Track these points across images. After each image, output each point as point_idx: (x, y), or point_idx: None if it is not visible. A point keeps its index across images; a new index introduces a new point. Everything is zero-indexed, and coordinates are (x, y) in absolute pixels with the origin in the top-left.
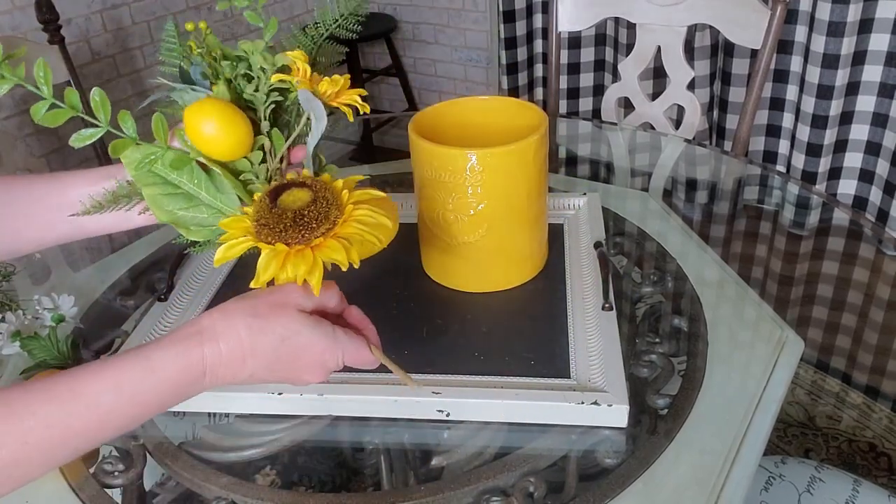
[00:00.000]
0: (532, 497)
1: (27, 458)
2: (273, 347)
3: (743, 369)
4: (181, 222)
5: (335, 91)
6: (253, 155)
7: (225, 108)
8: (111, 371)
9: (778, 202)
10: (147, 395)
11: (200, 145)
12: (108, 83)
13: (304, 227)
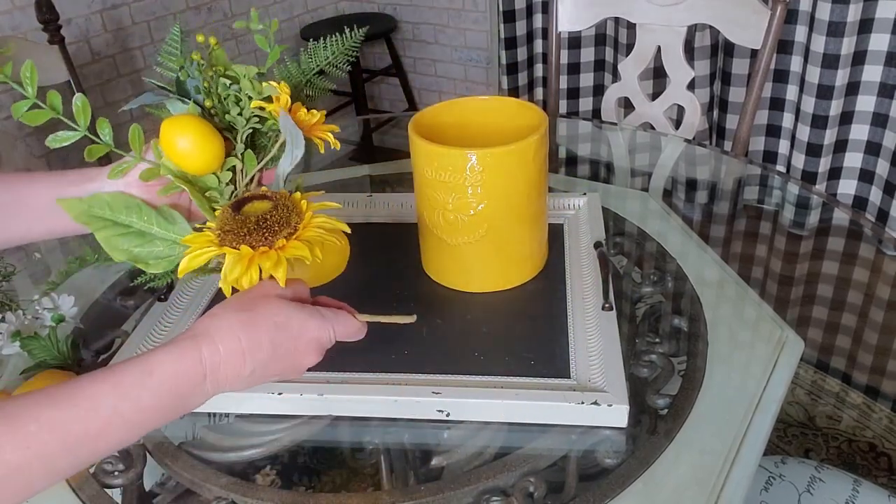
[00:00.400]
0: (532, 497)
1: (28, 466)
2: (269, 338)
3: (743, 369)
4: (139, 259)
5: (311, 123)
6: (222, 174)
7: (201, 125)
8: (110, 376)
9: (778, 202)
10: (146, 400)
11: (173, 157)
12: (108, 83)
13: (267, 230)
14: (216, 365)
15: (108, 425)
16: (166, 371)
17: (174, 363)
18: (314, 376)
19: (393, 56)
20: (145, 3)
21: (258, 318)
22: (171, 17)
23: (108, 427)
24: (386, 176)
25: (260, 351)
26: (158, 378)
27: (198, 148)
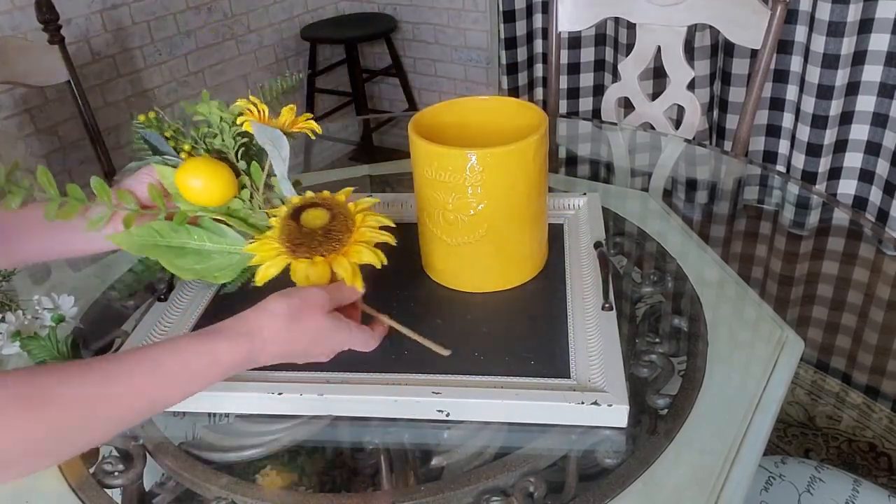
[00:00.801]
0: (532, 497)
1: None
2: (304, 349)
3: (743, 369)
4: (204, 274)
5: (287, 121)
6: (242, 193)
7: (204, 163)
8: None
9: (778, 202)
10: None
11: (195, 199)
12: (108, 83)
13: (335, 239)
14: (259, 358)
15: (171, 393)
16: (229, 360)
17: (232, 354)
18: (314, 376)
19: (393, 56)
20: (145, 3)
21: (301, 332)
22: (171, 16)
23: (171, 393)
24: (386, 176)
25: (289, 353)
26: (221, 367)
27: (211, 181)
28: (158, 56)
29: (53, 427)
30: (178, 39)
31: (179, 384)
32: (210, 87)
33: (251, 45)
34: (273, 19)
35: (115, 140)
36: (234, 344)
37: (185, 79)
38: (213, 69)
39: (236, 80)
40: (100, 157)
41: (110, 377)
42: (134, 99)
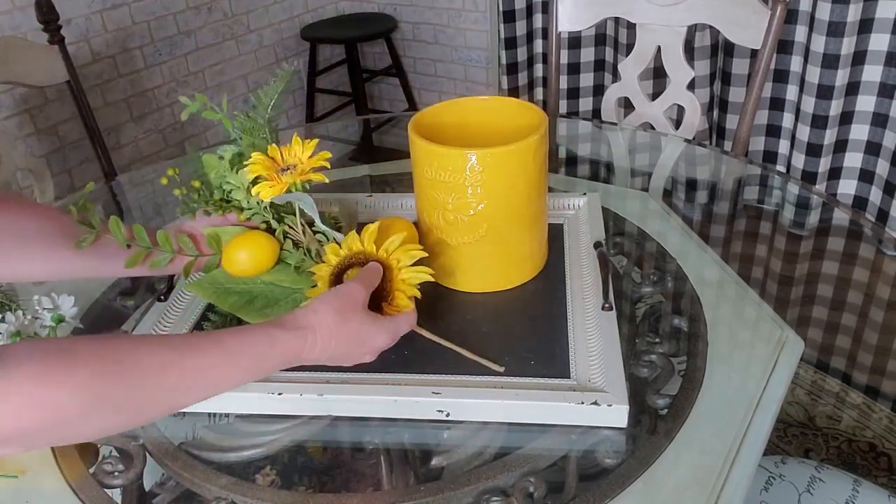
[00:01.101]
0: (532, 497)
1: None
2: (349, 340)
3: (743, 369)
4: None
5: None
6: (286, 245)
7: (244, 236)
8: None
9: (778, 202)
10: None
11: (248, 270)
12: (108, 83)
13: (380, 297)
14: (314, 346)
15: (235, 373)
16: (285, 346)
17: (292, 340)
18: (314, 376)
19: (393, 56)
20: (145, 3)
21: (346, 323)
22: (171, 16)
23: (234, 374)
24: (386, 176)
25: (339, 346)
26: (279, 350)
27: (255, 250)
28: (158, 56)
29: (129, 386)
30: (178, 39)
31: (239, 364)
32: (210, 87)
33: (251, 45)
34: (273, 19)
35: (115, 140)
36: (290, 335)
37: (185, 79)
38: (213, 69)
39: (236, 80)
40: (100, 157)
41: (180, 349)
42: (134, 99)
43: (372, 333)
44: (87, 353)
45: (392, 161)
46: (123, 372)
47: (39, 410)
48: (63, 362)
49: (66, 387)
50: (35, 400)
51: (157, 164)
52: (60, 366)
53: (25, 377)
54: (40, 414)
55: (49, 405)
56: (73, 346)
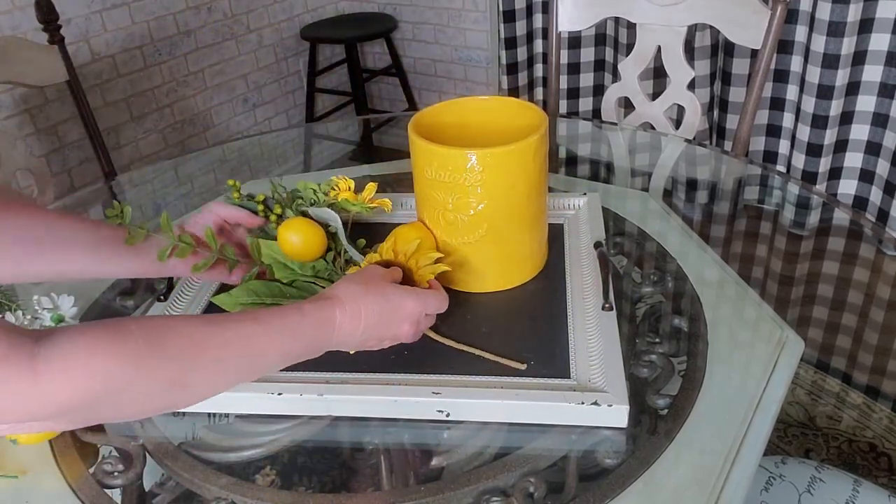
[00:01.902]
0: (532, 497)
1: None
2: (378, 307)
3: (743, 369)
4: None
5: (371, 197)
6: (327, 255)
7: (303, 222)
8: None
9: (778, 202)
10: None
11: (293, 253)
12: (108, 83)
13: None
14: (344, 317)
15: (273, 345)
16: (314, 315)
17: (320, 311)
18: (314, 376)
19: (393, 56)
20: (145, 3)
21: (371, 291)
22: (170, 16)
23: (273, 346)
24: (386, 176)
25: (370, 315)
26: (309, 319)
27: (308, 238)
28: (158, 56)
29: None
30: (178, 39)
31: (274, 334)
32: (210, 87)
33: (251, 45)
34: (273, 19)
35: (115, 140)
36: (317, 305)
37: (185, 79)
38: (213, 69)
39: (236, 80)
40: (100, 157)
41: (219, 322)
42: (134, 99)
43: (399, 296)
44: (134, 328)
45: (392, 161)
46: (166, 344)
47: (92, 380)
48: (112, 336)
49: (116, 357)
50: (89, 370)
51: (157, 164)
52: (110, 338)
53: (81, 347)
54: (91, 384)
55: (101, 375)
56: (120, 323)
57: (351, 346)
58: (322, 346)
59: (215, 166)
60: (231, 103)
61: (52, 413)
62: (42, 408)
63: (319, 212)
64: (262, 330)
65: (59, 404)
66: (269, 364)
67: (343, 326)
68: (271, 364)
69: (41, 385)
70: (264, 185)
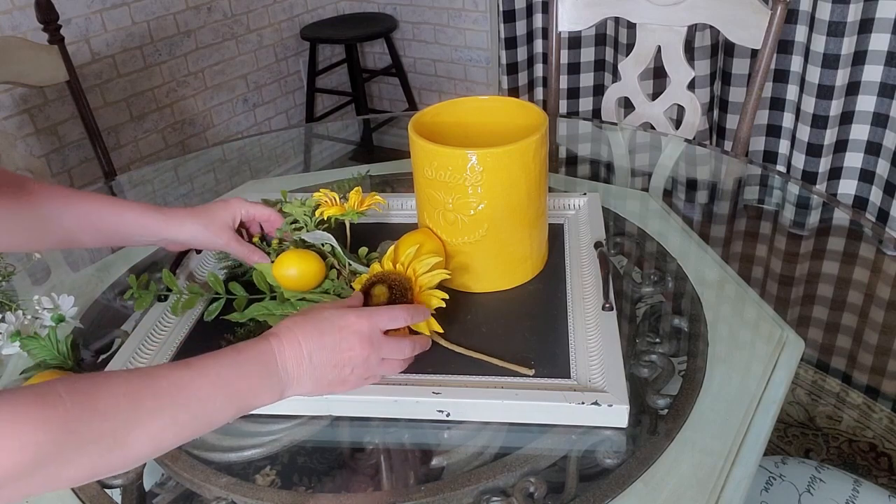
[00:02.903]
0: (532, 497)
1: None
2: (317, 328)
3: (743, 369)
4: None
5: (359, 200)
6: (330, 273)
7: (295, 254)
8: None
9: (778, 202)
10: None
11: (293, 287)
12: (108, 83)
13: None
14: (281, 347)
15: (213, 388)
16: (249, 351)
17: (254, 345)
18: None
19: (393, 56)
20: (145, 3)
21: (308, 317)
22: (170, 16)
23: (213, 389)
24: (386, 176)
25: (310, 339)
26: (244, 355)
27: (304, 269)
28: (158, 56)
29: (104, 416)
30: (178, 39)
31: (210, 377)
32: (210, 87)
33: (251, 45)
34: (273, 19)
35: (115, 140)
36: (251, 341)
37: (185, 79)
38: (213, 69)
39: (236, 80)
40: (100, 157)
41: (152, 373)
42: (134, 99)
43: (339, 314)
44: (62, 390)
45: (392, 161)
46: (98, 403)
47: (19, 453)
48: (38, 402)
49: (44, 424)
50: (13, 441)
51: (157, 164)
52: (36, 405)
53: (6, 420)
54: (20, 457)
55: (28, 446)
56: (46, 387)
57: (309, 383)
58: (273, 384)
59: (215, 166)
60: (231, 103)
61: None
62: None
63: (311, 236)
64: (195, 373)
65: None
66: (216, 411)
67: (285, 356)
68: (220, 410)
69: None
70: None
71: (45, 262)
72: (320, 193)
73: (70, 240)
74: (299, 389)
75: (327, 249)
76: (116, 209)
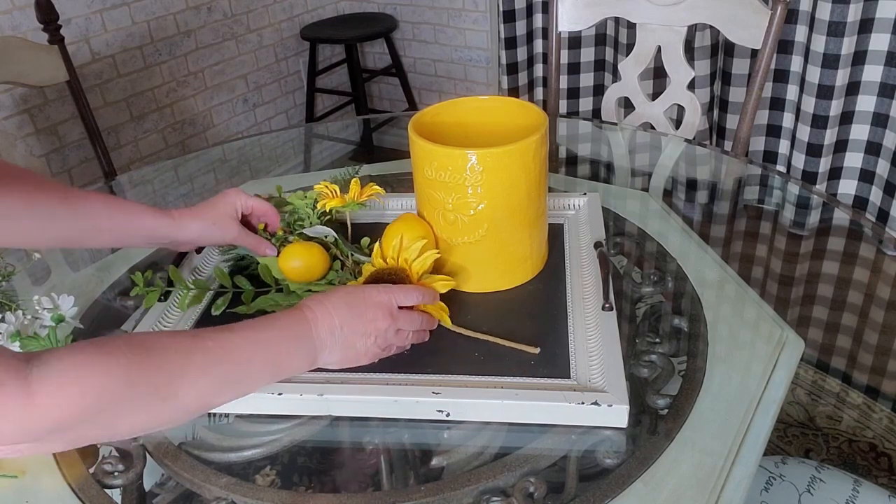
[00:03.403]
0: (532, 497)
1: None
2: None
3: (743, 369)
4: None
5: (358, 192)
6: (335, 264)
7: (300, 246)
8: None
9: (778, 202)
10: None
11: (299, 278)
12: (108, 83)
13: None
14: (314, 316)
15: (255, 351)
16: (285, 318)
17: (289, 314)
18: (314, 376)
19: (393, 56)
20: (145, 3)
21: (334, 291)
22: (171, 17)
23: (255, 352)
24: (386, 176)
25: (339, 309)
26: (282, 321)
27: (308, 260)
28: (158, 56)
29: (159, 369)
30: (178, 39)
31: (254, 341)
32: (210, 87)
33: (251, 45)
34: (273, 19)
35: (115, 140)
36: (284, 311)
37: (185, 79)
38: (213, 69)
39: (236, 79)
40: (100, 157)
41: (200, 334)
42: (134, 99)
43: (363, 288)
44: (121, 343)
45: (392, 161)
46: (152, 356)
47: (85, 396)
48: (101, 353)
49: (106, 372)
50: (81, 386)
51: (157, 164)
52: (99, 355)
53: (72, 366)
54: (83, 402)
55: (90, 393)
56: (107, 340)
57: (339, 351)
58: (308, 350)
59: (215, 166)
60: (231, 103)
61: (46, 431)
62: (37, 426)
63: (314, 230)
64: (238, 337)
65: (53, 421)
66: (255, 372)
67: (319, 325)
68: (259, 372)
69: (36, 404)
70: (265, 186)
71: (45, 262)
72: (321, 186)
73: (78, 239)
74: (330, 358)
75: (330, 241)
76: (126, 212)
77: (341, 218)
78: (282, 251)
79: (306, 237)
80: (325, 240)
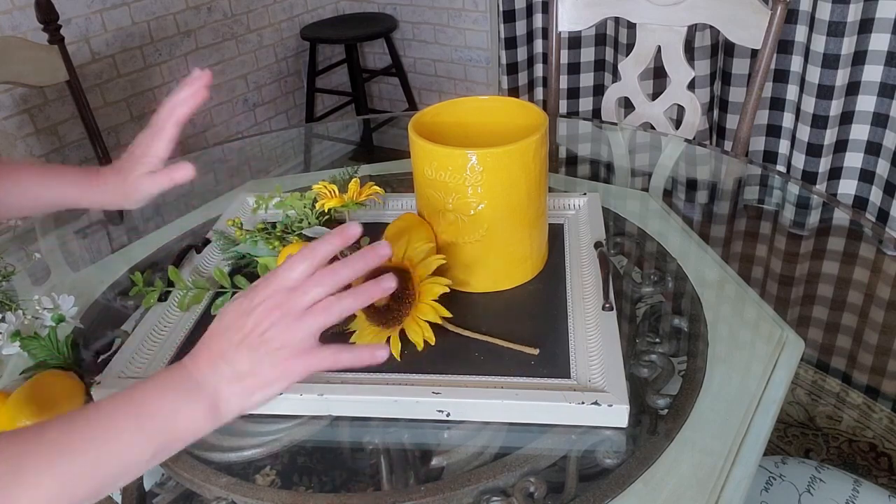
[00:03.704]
0: (532, 497)
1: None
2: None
3: (743, 369)
4: None
5: (357, 192)
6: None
7: (297, 246)
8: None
9: (778, 202)
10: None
11: None
12: (108, 83)
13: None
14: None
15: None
16: (158, 373)
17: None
18: (314, 376)
19: (393, 56)
20: (145, 3)
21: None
22: (170, 17)
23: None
24: (386, 176)
25: (215, 334)
26: (152, 379)
27: None
28: (158, 56)
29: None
30: (178, 39)
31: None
32: (210, 87)
33: (251, 45)
34: (273, 19)
35: (115, 140)
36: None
37: (185, 79)
38: (212, 69)
39: (236, 80)
40: (100, 157)
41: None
42: (134, 99)
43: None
44: None
45: (392, 161)
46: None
47: None
48: None
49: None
50: None
51: None
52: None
53: None
54: None
55: None
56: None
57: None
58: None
59: (215, 166)
60: (231, 103)
61: None
62: None
63: (313, 231)
64: (91, 412)
65: None
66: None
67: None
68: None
69: None
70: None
71: (45, 262)
72: (319, 185)
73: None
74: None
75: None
76: (41, 179)
77: (340, 218)
78: (281, 251)
79: (305, 237)
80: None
